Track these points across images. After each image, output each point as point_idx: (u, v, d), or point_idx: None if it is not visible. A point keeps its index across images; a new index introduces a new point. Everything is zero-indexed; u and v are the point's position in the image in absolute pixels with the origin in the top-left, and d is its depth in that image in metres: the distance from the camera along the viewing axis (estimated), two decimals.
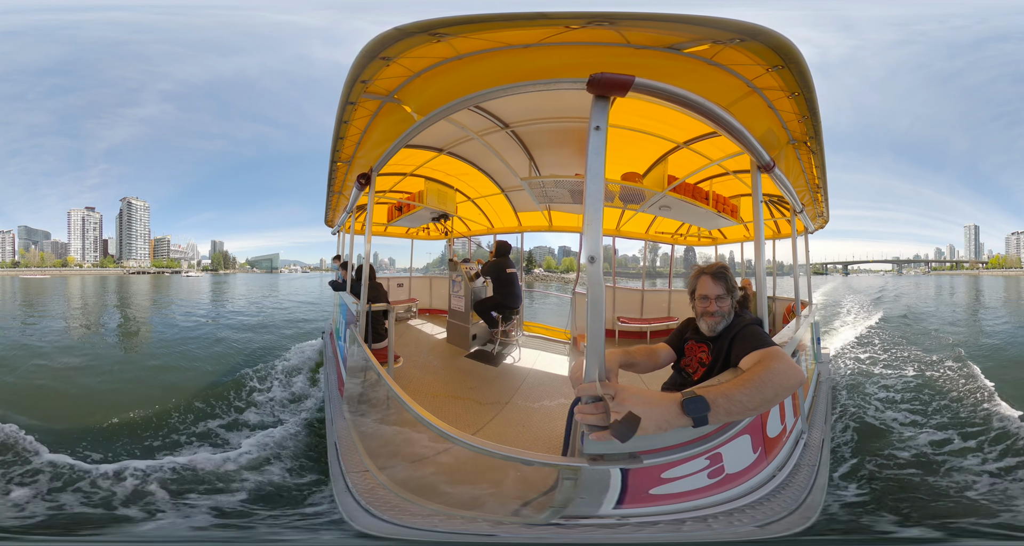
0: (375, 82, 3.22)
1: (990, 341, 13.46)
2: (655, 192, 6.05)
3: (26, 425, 5.72)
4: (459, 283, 8.45)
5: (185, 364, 10.41)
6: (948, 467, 4.98)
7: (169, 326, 17.76)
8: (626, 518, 2.32)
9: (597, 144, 2.19)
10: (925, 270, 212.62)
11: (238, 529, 3.80)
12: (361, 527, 2.51)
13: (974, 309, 26.34)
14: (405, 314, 10.95)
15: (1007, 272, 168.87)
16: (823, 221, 6.89)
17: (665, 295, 10.64)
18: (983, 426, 6.07)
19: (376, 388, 3.83)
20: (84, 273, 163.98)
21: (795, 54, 2.56)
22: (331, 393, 5.46)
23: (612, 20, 2.45)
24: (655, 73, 2.71)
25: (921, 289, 49.91)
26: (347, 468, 3.09)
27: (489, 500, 2.55)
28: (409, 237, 12.20)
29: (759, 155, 3.27)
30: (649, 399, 2.10)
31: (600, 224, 2.16)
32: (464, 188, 8.76)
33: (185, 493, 4.33)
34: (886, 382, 8.43)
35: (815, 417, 4.23)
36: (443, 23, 2.58)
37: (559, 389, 5.80)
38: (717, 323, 2.90)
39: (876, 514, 3.91)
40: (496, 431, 4.62)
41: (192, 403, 7.02)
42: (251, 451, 5.17)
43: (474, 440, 2.65)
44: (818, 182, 4.87)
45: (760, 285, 3.51)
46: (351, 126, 3.99)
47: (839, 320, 18.96)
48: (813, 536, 2.64)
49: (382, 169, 4.71)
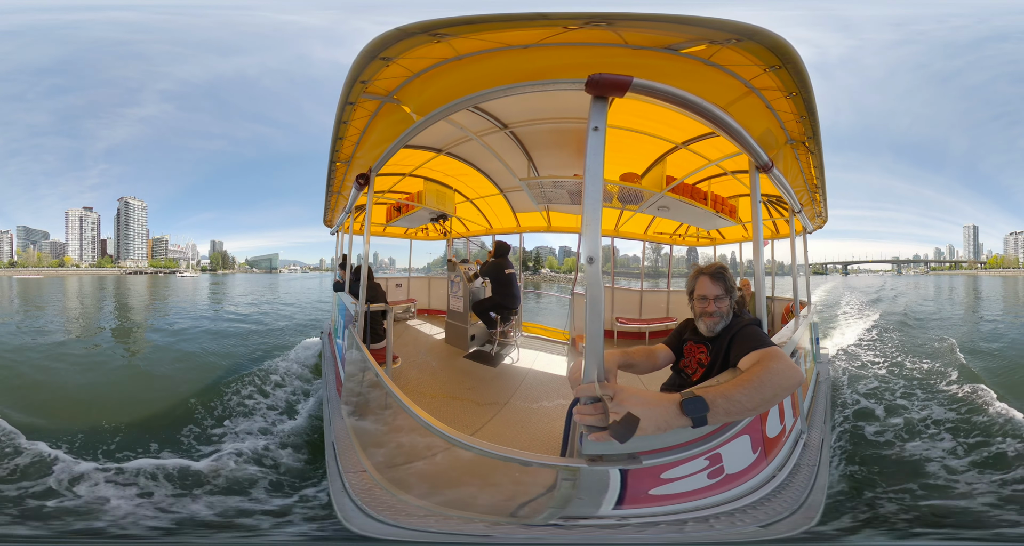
0: (375, 82, 3.22)
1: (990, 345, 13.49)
2: (654, 192, 6.06)
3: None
4: (458, 283, 8.45)
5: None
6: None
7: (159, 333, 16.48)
8: (626, 519, 2.32)
9: (595, 145, 2.19)
10: (924, 270, 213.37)
11: (235, 530, 3.79)
12: (357, 527, 2.50)
13: (973, 308, 26.57)
14: (404, 314, 10.95)
15: (1004, 272, 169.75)
16: (821, 221, 6.90)
17: (664, 295, 10.64)
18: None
19: (374, 389, 3.83)
20: (81, 273, 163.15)
21: (792, 54, 2.56)
22: (329, 393, 5.45)
23: (610, 21, 2.46)
24: (653, 73, 2.72)
25: (920, 289, 50.09)
26: (344, 468, 3.09)
27: (487, 500, 2.54)
28: (408, 237, 12.20)
29: (757, 155, 3.27)
30: (648, 400, 2.10)
31: (599, 225, 2.16)
32: (463, 188, 8.76)
33: (179, 494, 4.33)
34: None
35: (814, 417, 4.23)
36: (443, 23, 2.59)
37: (558, 390, 5.80)
38: (716, 324, 2.91)
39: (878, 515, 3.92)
40: (494, 432, 4.62)
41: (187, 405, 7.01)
42: (250, 451, 5.17)
43: (472, 441, 2.64)
44: (816, 182, 4.87)
45: (759, 285, 3.50)
46: (350, 126, 3.99)
47: (839, 309, 19.22)
48: (816, 536, 2.65)
49: (381, 169, 4.71)
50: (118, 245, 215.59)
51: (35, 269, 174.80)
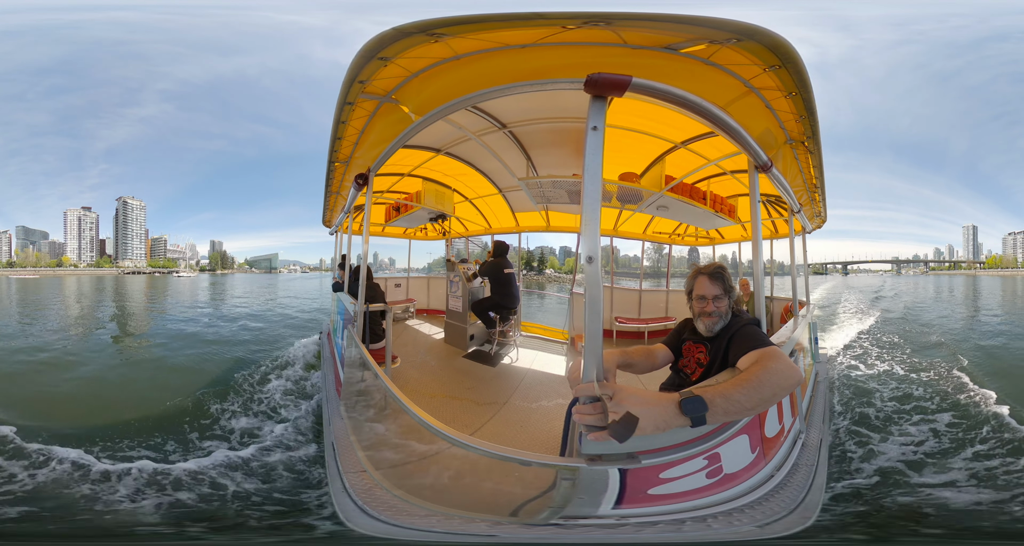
0: (373, 82, 3.22)
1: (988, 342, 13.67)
2: (653, 192, 6.06)
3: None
4: (457, 283, 8.45)
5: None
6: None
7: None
8: (625, 518, 2.32)
9: (594, 144, 2.19)
10: (924, 270, 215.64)
11: (233, 531, 3.79)
12: (358, 527, 2.50)
13: (970, 306, 26.87)
14: (403, 314, 10.95)
15: (1002, 272, 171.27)
16: (820, 221, 6.90)
17: (663, 295, 10.65)
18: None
19: (373, 388, 3.83)
20: (78, 273, 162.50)
21: (792, 54, 2.56)
22: (329, 393, 5.45)
23: (608, 20, 2.45)
24: (652, 73, 2.71)
25: (919, 288, 50.46)
26: (344, 468, 3.09)
27: (487, 500, 2.54)
28: (407, 237, 12.19)
29: (756, 155, 3.27)
30: (647, 399, 2.10)
31: (598, 224, 2.16)
32: (462, 188, 8.75)
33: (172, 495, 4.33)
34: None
35: (813, 417, 4.24)
36: (441, 23, 2.58)
37: (557, 389, 5.80)
38: (714, 323, 2.91)
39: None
40: (494, 431, 4.62)
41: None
42: (246, 453, 5.17)
43: (472, 440, 2.64)
44: (815, 182, 4.87)
45: (758, 285, 3.51)
46: (349, 126, 3.99)
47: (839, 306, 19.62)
48: (813, 536, 2.65)
49: (380, 169, 4.71)
50: (116, 245, 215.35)
51: (32, 269, 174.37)
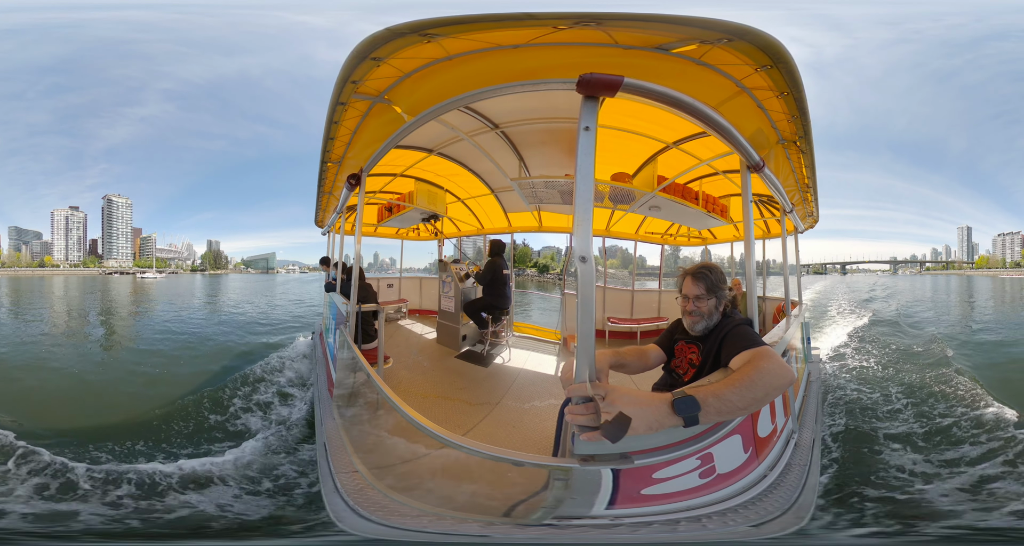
0: (365, 83, 3.20)
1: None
2: (645, 192, 6.06)
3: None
4: (449, 284, 8.43)
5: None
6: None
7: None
8: (619, 519, 2.31)
9: (587, 144, 2.18)
10: (919, 270, 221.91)
11: (229, 536, 3.76)
12: (349, 528, 2.48)
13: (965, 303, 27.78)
14: (395, 315, 10.91)
15: (988, 272, 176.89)
16: (813, 221, 6.94)
17: (655, 295, 10.68)
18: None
19: (365, 389, 3.81)
20: (56, 273, 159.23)
21: (783, 54, 2.57)
22: (321, 393, 5.42)
23: (599, 20, 2.45)
24: (644, 73, 2.71)
25: (916, 287, 51.34)
26: (336, 468, 3.07)
27: (479, 501, 2.53)
28: (399, 238, 12.16)
29: (748, 155, 3.28)
30: (639, 399, 2.09)
31: (590, 224, 2.15)
32: (454, 189, 8.74)
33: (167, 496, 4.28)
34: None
35: (805, 417, 4.26)
36: (433, 23, 2.57)
37: (549, 390, 5.80)
38: (695, 323, 2.94)
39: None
40: (486, 432, 4.61)
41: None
42: (245, 453, 5.14)
43: (464, 441, 2.63)
44: (808, 182, 4.90)
45: (750, 285, 3.52)
46: (341, 127, 3.97)
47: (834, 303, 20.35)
48: (807, 536, 2.66)
49: (372, 169, 4.68)
50: (102, 244, 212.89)
51: (11, 269, 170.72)
